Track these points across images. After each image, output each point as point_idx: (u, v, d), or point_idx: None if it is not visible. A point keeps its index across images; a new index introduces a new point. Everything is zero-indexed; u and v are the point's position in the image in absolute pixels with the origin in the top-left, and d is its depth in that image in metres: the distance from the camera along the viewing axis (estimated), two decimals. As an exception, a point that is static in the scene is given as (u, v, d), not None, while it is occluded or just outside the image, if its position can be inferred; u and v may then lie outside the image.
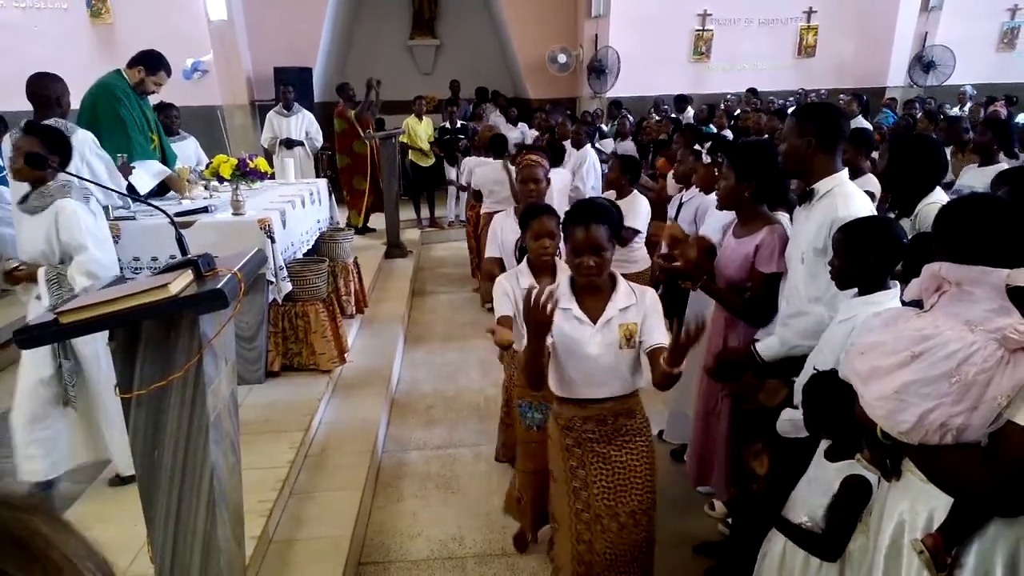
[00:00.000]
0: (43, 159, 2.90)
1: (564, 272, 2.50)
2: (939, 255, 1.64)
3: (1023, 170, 2.83)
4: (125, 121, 4.46)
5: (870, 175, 3.97)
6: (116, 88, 4.50)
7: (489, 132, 7.53)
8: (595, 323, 2.29)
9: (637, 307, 2.31)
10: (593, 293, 2.33)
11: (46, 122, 3.66)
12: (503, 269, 3.42)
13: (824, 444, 2.17)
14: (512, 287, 2.71)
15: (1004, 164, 4.25)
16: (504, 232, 3.56)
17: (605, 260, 2.26)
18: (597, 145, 7.45)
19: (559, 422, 2.43)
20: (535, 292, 2.05)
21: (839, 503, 2.04)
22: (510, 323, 2.71)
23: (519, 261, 3.19)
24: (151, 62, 4.58)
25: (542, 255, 2.76)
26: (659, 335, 2.27)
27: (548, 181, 3.63)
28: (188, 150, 6.23)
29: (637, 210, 4.41)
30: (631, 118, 8.72)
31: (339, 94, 8.96)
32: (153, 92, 4.70)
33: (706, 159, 4.56)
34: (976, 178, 4.24)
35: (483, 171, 6.52)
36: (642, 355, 2.31)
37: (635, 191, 4.60)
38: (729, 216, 2.97)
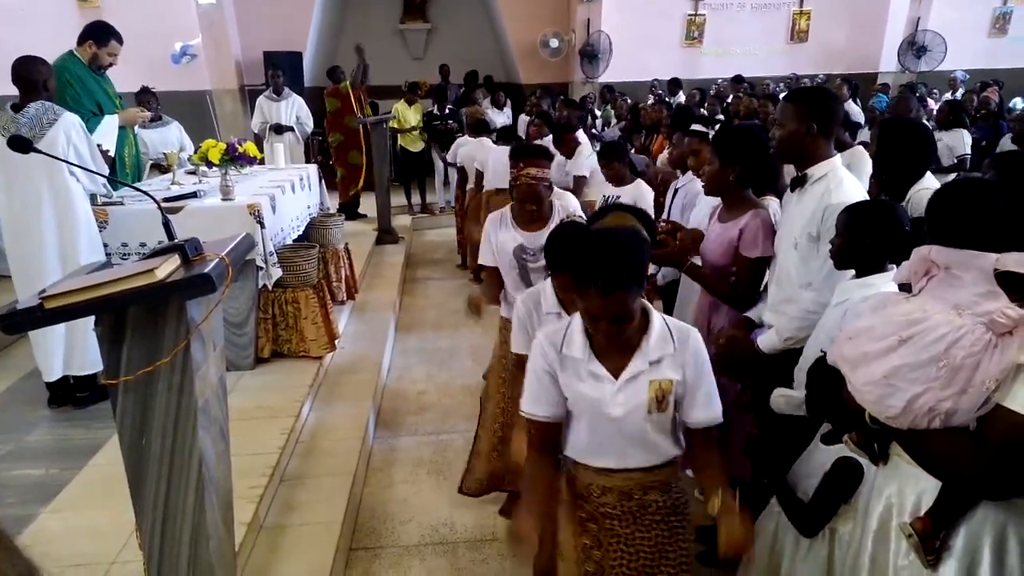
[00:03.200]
0: None
1: None
2: (930, 238, 1.64)
3: (1013, 155, 2.83)
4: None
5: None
6: (65, 72, 4.25)
7: (475, 114, 7.61)
8: (616, 378, 1.80)
9: (675, 358, 1.80)
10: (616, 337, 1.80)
11: (32, 105, 3.64)
12: (498, 278, 3.12)
13: (825, 427, 2.18)
14: (532, 318, 2.36)
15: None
16: (500, 238, 3.08)
17: (631, 318, 1.74)
18: (593, 131, 7.42)
19: (571, 487, 1.97)
20: None
21: (827, 483, 2.08)
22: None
23: (520, 272, 3.01)
24: (99, 34, 4.41)
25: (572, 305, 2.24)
26: (703, 406, 1.82)
27: (552, 188, 3.09)
28: (171, 135, 6.19)
29: (643, 197, 4.18)
30: (628, 100, 8.71)
31: (329, 77, 8.93)
32: (110, 65, 4.50)
33: None
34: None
35: (466, 150, 6.55)
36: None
37: (637, 179, 4.36)
38: (718, 201, 2.97)
